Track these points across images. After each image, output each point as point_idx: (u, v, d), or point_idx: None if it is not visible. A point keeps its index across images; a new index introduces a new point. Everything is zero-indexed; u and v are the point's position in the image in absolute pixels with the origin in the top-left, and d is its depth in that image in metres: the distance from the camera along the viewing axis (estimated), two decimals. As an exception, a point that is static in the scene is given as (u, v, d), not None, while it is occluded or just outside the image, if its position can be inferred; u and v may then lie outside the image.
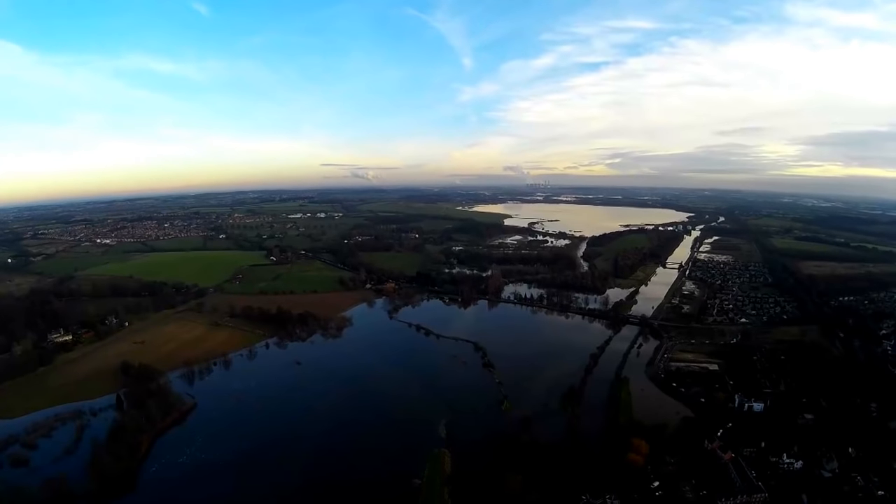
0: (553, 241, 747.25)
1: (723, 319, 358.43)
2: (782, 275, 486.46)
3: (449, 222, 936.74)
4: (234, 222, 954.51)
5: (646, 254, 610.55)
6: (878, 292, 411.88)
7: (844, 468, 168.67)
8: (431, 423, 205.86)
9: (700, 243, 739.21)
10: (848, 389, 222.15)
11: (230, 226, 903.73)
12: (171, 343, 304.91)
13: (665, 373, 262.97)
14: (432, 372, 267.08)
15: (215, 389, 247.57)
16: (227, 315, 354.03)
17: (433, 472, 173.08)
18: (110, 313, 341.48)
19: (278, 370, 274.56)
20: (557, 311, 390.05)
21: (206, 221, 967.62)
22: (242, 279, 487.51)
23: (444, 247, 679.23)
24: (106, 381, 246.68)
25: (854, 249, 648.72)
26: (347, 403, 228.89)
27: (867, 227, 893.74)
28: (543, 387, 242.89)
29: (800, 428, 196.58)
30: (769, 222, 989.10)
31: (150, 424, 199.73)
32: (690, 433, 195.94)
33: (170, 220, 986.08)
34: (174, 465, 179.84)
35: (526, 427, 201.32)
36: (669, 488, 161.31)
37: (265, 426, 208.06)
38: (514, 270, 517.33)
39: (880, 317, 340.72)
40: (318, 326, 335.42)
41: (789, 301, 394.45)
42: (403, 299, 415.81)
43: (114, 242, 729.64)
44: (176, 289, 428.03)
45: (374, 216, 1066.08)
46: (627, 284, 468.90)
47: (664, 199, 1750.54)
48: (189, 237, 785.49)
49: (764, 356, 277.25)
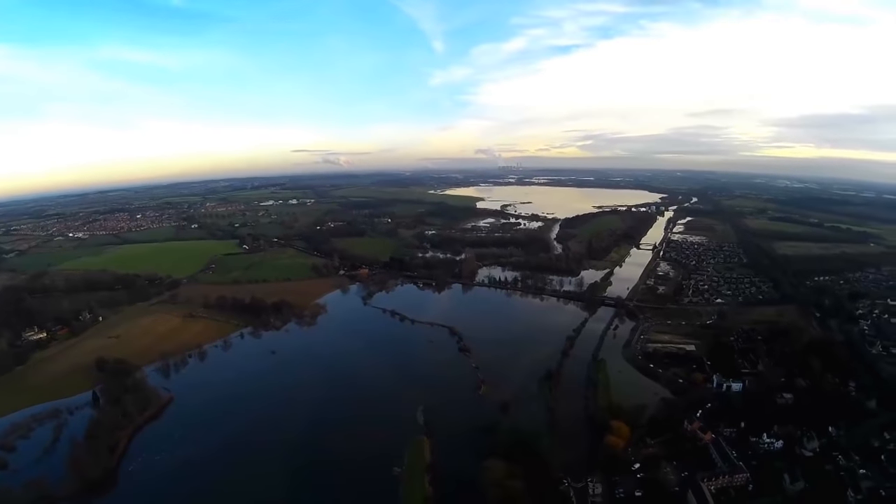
0: (526, 224, 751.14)
1: (698, 300, 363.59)
2: (757, 255, 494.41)
3: (422, 206, 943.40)
4: (206, 211, 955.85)
5: (619, 235, 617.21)
6: (853, 272, 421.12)
7: (825, 447, 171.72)
8: (409, 410, 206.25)
9: (674, 224, 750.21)
10: (826, 369, 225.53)
11: (202, 215, 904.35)
12: (146, 336, 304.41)
13: (642, 354, 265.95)
14: (408, 358, 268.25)
15: (192, 382, 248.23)
16: (201, 306, 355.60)
17: (413, 460, 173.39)
18: (84, 308, 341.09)
19: (254, 360, 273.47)
20: (532, 294, 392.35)
21: (179, 211, 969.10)
22: (216, 269, 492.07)
23: (417, 231, 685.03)
24: (82, 378, 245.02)
25: (828, 230, 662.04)
26: (324, 393, 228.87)
27: (841, 207, 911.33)
28: (520, 370, 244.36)
29: (779, 408, 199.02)
30: (742, 203, 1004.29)
31: (127, 420, 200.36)
32: (670, 414, 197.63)
33: (142, 211, 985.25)
34: (153, 461, 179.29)
35: (504, 411, 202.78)
36: (651, 470, 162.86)
37: (242, 418, 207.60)
38: (488, 254, 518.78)
39: (856, 296, 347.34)
40: (293, 315, 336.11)
41: (765, 281, 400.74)
42: (377, 285, 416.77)
43: (86, 236, 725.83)
44: (149, 281, 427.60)
45: (346, 202, 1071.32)
46: (602, 266, 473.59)
47: (637, 181, 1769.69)
48: (161, 228, 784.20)
49: (741, 337, 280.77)
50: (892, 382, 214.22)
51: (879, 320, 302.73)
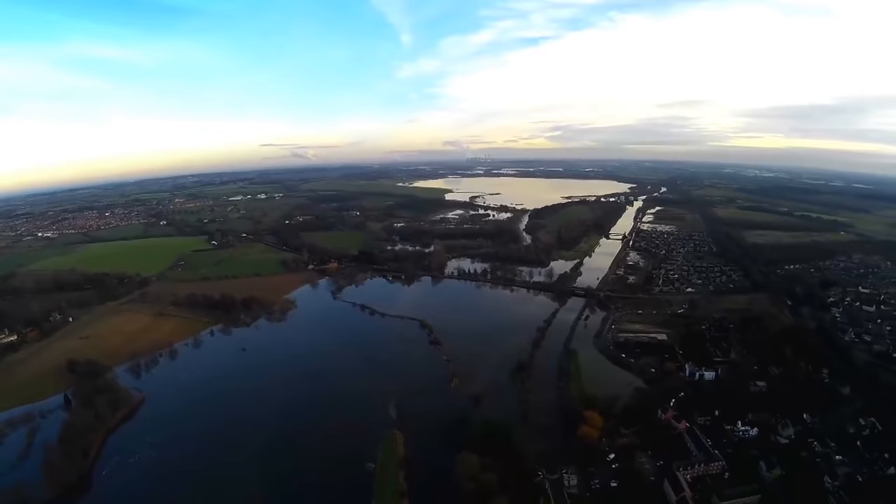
0: (495, 215, 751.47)
1: (669, 289, 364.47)
2: (727, 244, 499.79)
3: (390, 199, 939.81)
4: (174, 208, 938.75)
5: (589, 225, 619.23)
6: (823, 260, 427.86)
7: (800, 434, 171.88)
8: (382, 405, 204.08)
9: (643, 214, 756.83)
10: (799, 357, 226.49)
11: (171, 211, 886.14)
12: (116, 336, 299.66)
13: (614, 344, 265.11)
14: (379, 352, 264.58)
15: (163, 381, 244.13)
16: (171, 304, 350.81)
17: (387, 455, 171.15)
18: (54, 309, 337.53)
19: (224, 358, 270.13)
20: (502, 285, 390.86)
21: (148, 208, 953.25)
22: (185, 266, 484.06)
23: (386, 224, 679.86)
24: (54, 381, 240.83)
25: (798, 219, 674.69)
26: (295, 389, 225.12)
27: (810, 196, 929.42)
28: (492, 362, 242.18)
29: (753, 395, 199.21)
30: (712, 192, 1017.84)
31: (100, 423, 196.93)
32: (643, 404, 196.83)
33: (111, 208, 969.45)
34: (126, 464, 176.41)
35: (477, 404, 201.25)
36: (626, 460, 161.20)
37: (214, 418, 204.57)
38: (458, 245, 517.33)
39: (827, 284, 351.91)
40: (263, 311, 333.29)
41: (735, 270, 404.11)
42: (347, 279, 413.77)
43: (55, 235, 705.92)
44: (119, 279, 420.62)
45: (315, 195, 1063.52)
46: (571, 256, 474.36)
47: (606, 171, 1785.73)
48: (130, 225, 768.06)
49: (713, 325, 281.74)
50: (866, 369, 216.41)
51: (851, 308, 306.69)
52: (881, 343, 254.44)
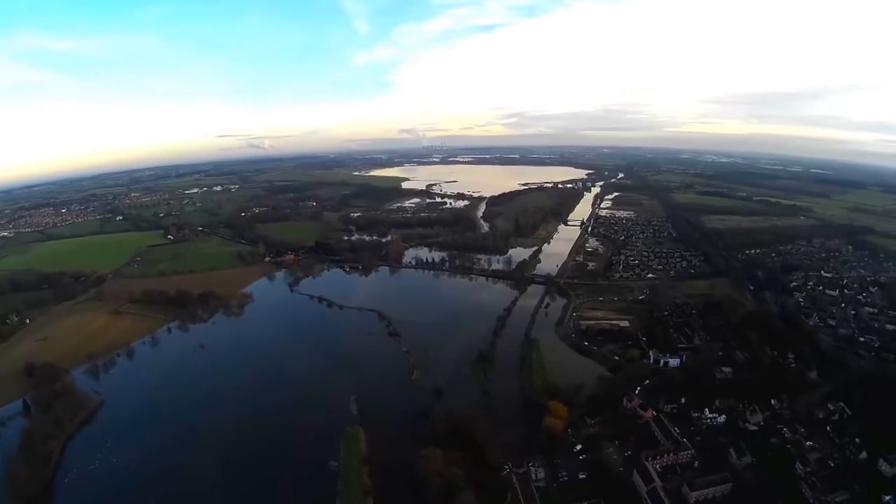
0: (452, 203, 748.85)
1: (629, 275, 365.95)
2: (686, 229, 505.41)
3: (346, 188, 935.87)
4: (130, 202, 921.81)
5: (547, 212, 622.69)
6: (784, 245, 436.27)
7: (769, 421, 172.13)
8: (342, 400, 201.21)
9: (601, 200, 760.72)
10: (764, 342, 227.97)
11: (127, 206, 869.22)
12: (74, 337, 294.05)
13: (575, 332, 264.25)
14: (338, 345, 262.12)
15: (121, 382, 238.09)
16: (127, 301, 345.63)
17: (349, 452, 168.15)
18: (11, 311, 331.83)
19: (183, 356, 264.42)
20: (460, 274, 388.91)
21: (103, 203, 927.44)
22: (141, 261, 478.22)
23: (343, 214, 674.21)
24: (12, 386, 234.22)
25: (757, 203, 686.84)
26: (255, 386, 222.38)
27: (769, 181, 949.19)
28: (453, 353, 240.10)
29: (719, 382, 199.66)
30: (670, 178, 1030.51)
31: (59, 429, 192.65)
32: (608, 393, 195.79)
33: (67, 204, 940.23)
34: (88, 470, 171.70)
35: (439, 396, 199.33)
36: (593, 451, 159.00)
37: (174, 419, 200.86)
38: (415, 234, 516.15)
39: (789, 269, 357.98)
40: (220, 306, 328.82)
41: (695, 255, 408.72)
42: (304, 271, 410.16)
43: (11, 234, 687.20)
44: (75, 278, 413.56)
45: (271, 186, 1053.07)
46: (530, 243, 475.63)
47: (562, 157, 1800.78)
48: (86, 221, 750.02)
49: (675, 311, 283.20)
50: (832, 353, 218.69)
51: (814, 292, 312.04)
52: (846, 327, 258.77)
